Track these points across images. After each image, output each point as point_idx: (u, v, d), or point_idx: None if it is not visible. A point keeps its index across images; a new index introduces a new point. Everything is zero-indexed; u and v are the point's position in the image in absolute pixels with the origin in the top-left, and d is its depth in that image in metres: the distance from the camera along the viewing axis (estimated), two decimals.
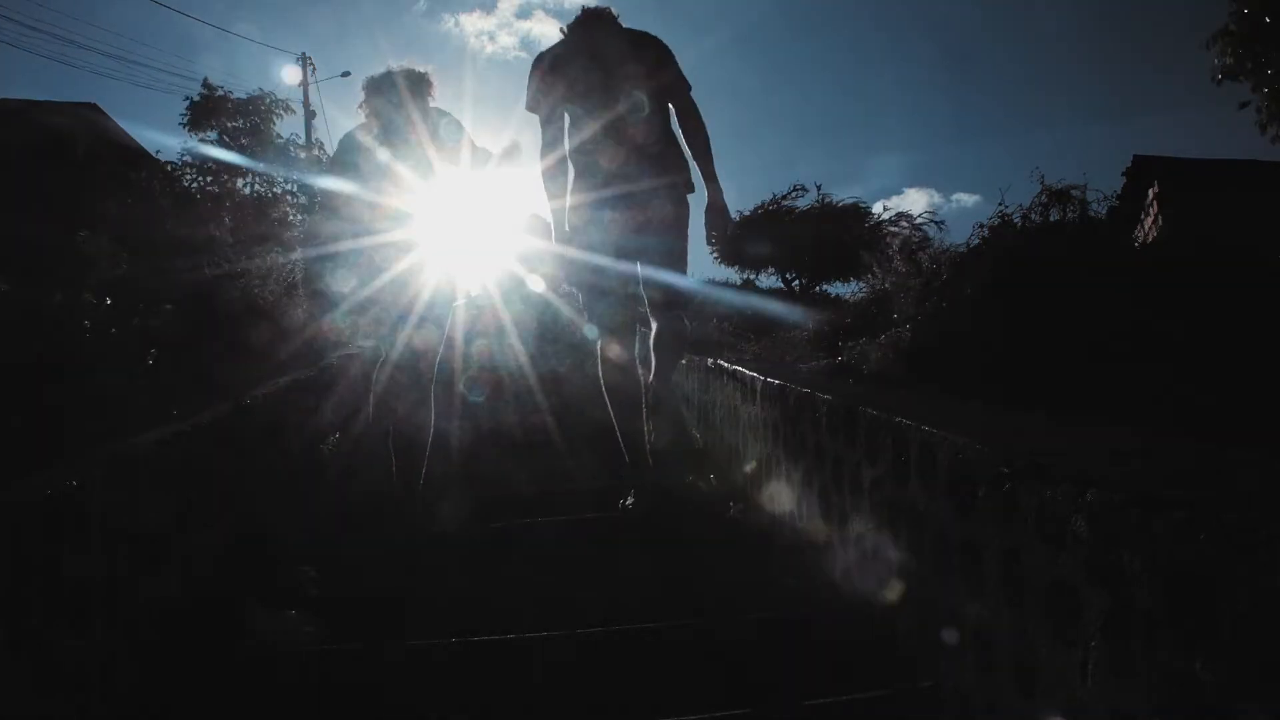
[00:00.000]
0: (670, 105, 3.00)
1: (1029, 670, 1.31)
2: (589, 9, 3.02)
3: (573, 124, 3.03)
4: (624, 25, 3.04)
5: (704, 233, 3.10)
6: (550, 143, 3.01)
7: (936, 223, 15.66)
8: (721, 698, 1.73)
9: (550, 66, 2.99)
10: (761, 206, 16.64)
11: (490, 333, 5.05)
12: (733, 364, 3.65)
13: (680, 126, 3.02)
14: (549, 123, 3.01)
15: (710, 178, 3.01)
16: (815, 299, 13.31)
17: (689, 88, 2.99)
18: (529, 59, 3.16)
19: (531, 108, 3.03)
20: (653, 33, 3.04)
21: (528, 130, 3.26)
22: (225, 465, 2.35)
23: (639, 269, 2.97)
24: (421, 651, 1.88)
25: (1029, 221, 4.55)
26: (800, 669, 1.85)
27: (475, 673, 1.86)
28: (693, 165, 3.02)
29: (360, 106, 3.16)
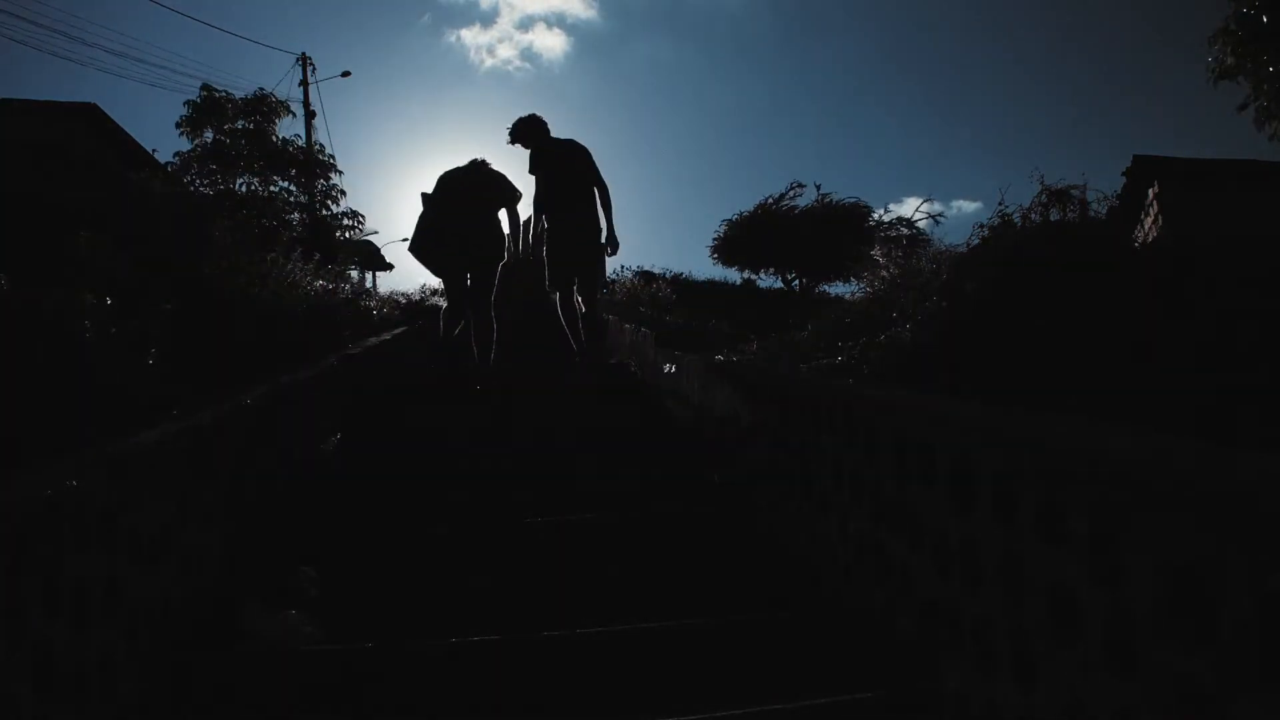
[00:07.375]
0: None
1: (1029, 669, 1.31)
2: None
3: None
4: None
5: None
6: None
7: (934, 217, 15.73)
8: (721, 697, 1.73)
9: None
10: (761, 206, 16.60)
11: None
12: (733, 364, 3.65)
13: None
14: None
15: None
16: (815, 299, 13.29)
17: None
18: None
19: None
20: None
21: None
22: (225, 465, 2.35)
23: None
24: (417, 652, 1.88)
25: (1029, 221, 4.55)
26: (800, 668, 1.85)
27: (473, 672, 1.86)
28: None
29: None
